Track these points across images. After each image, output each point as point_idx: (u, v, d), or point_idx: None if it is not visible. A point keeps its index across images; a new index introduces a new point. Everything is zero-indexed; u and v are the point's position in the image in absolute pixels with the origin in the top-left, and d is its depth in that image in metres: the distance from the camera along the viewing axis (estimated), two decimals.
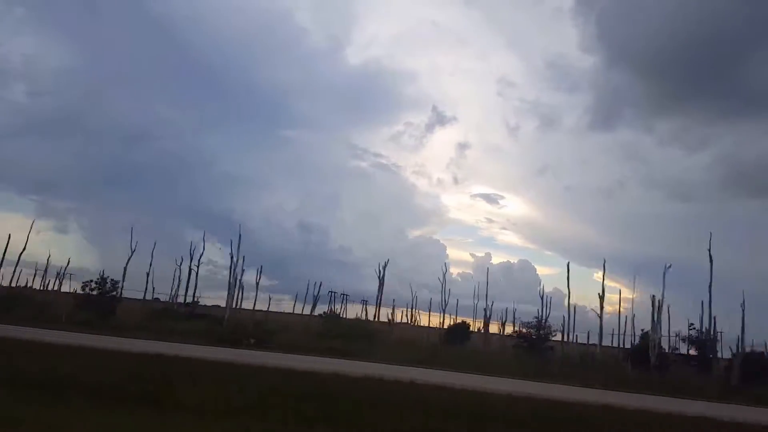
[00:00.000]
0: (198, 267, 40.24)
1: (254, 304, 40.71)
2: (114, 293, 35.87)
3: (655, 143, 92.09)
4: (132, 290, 42.33)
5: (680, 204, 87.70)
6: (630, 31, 77.44)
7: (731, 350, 31.01)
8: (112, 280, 35.86)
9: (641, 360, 28.70)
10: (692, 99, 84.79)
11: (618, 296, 44.33)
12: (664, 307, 31.95)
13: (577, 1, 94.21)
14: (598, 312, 34.64)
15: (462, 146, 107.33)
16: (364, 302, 46.46)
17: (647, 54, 76.49)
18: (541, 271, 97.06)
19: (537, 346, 33.87)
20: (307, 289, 42.97)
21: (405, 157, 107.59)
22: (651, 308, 31.44)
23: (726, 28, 70.15)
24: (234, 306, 37.45)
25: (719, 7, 69.44)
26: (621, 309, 41.27)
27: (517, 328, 37.84)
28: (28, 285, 43.14)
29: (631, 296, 48.04)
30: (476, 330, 42.23)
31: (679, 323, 35.92)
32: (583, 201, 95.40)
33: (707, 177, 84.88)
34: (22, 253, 39.34)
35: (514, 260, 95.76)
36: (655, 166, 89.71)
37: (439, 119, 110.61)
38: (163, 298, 44.08)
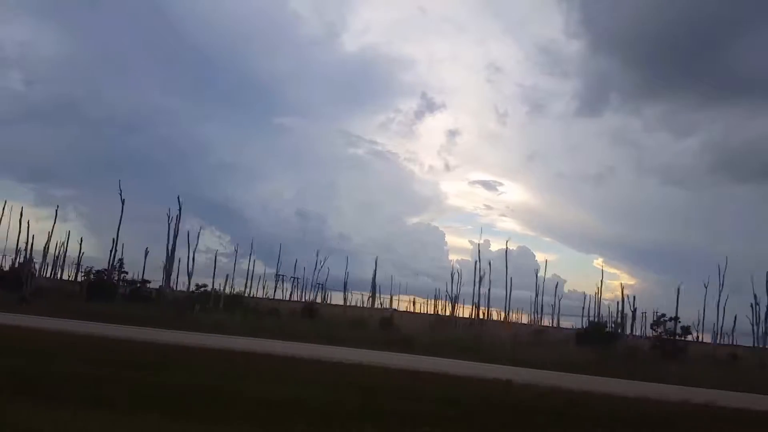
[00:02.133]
0: None
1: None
2: None
3: (644, 128, 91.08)
4: None
5: (674, 189, 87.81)
6: (614, 16, 76.71)
7: None
8: None
9: None
10: (678, 84, 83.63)
11: (617, 282, 44.28)
12: None
13: None
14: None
15: (453, 133, 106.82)
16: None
17: (632, 39, 75.62)
18: (541, 257, 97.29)
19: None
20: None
21: (400, 144, 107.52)
22: (652, 293, 32.52)
23: (711, 13, 69.34)
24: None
25: None
26: (623, 295, 41.86)
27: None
28: None
29: (631, 282, 48.18)
30: None
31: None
32: (579, 187, 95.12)
33: (697, 162, 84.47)
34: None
35: (513, 247, 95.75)
36: (647, 152, 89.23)
37: (430, 106, 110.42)
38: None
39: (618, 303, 37.59)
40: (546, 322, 52.21)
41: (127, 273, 43.33)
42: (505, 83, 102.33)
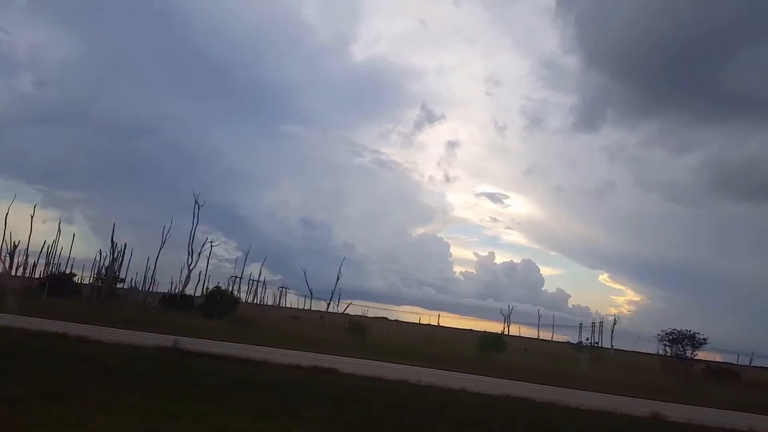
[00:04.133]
0: None
1: None
2: None
3: (642, 144, 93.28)
4: None
5: (677, 206, 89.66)
6: (607, 33, 78.79)
7: None
8: None
9: None
10: (673, 101, 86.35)
11: (623, 298, 45.04)
12: None
13: (557, 2, 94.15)
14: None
15: (456, 144, 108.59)
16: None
17: (625, 55, 78.61)
18: (545, 271, 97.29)
19: None
20: None
21: (404, 154, 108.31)
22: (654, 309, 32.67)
23: (704, 31, 70.96)
24: None
25: (699, 8, 70.19)
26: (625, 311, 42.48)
27: None
28: None
29: (637, 299, 48.12)
30: None
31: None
32: (583, 202, 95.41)
33: (696, 179, 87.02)
34: None
35: (517, 260, 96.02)
36: (646, 168, 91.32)
37: (431, 117, 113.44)
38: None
39: None
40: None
41: None
42: (505, 97, 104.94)
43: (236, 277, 50.54)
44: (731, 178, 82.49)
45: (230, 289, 45.91)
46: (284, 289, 56.66)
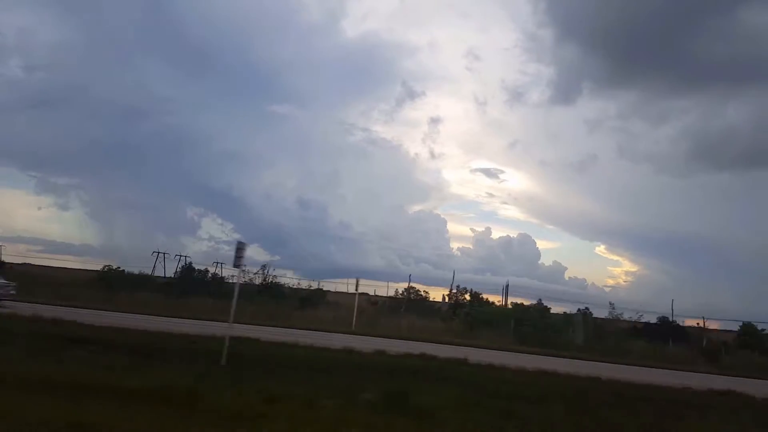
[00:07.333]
0: None
1: None
2: None
3: (628, 117, 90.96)
4: None
5: (664, 177, 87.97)
6: (576, 4, 76.70)
7: None
8: None
9: None
10: (647, 72, 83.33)
11: (620, 269, 45.39)
12: None
13: None
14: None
15: (447, 119, 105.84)
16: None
17: (595, 27, 75.63)
18: (542, 245, 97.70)
19: None
20: None
21: (395, 132, 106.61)
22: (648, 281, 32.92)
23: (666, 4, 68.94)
24: None
25: None
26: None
27: None
28: None
29: (633, 269, 48.81)
30: None
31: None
32: (578, 175, 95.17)
33: (675, 150, 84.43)
34: None
35: (514, 234, 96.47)
36: (643, 139, 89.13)
37: (412, 94, 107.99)
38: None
39: None
40: None
41: None
42: (488, 71, 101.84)
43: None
44: (710, 147, 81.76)
45: None
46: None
